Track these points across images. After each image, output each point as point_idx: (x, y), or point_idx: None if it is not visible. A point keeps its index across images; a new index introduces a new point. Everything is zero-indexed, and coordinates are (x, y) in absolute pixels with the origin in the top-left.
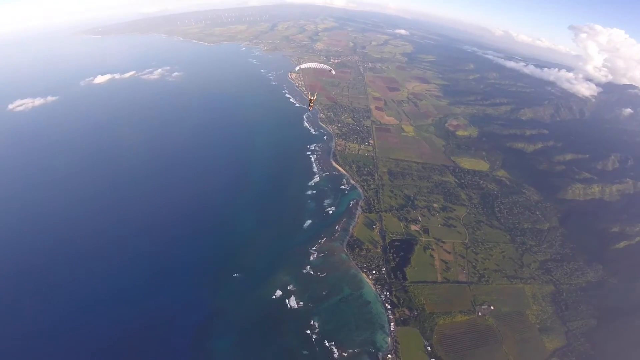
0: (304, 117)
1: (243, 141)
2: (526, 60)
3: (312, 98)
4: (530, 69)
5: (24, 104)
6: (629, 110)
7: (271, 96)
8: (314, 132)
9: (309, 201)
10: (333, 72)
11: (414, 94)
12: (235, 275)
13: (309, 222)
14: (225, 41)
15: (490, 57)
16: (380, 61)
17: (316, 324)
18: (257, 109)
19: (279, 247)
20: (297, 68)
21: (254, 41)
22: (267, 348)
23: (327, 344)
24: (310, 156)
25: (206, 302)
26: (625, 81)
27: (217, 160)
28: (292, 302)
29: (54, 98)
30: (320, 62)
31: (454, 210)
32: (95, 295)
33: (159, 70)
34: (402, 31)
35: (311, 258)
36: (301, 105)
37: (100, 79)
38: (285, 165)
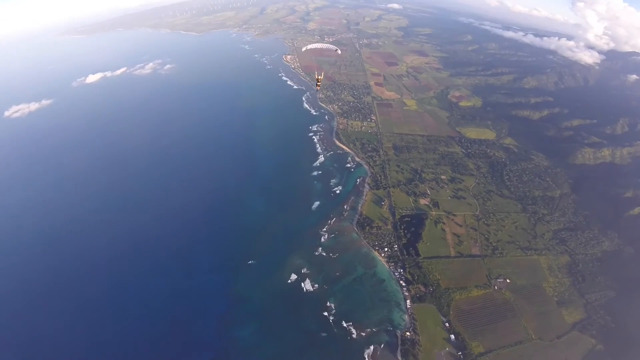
0: (303, 99)
1: (245, 127)
2: (524, 30)
3: (319, 77)
4: (529, 39)
5: (20, 109)
6: (634, 76)
7: (268, 80)
8: (314, 113)
9: (316, 182)
10: (339, 51)
11: (414, 68)
12: (250, 262)
13: (317, 203)
14: (215, 29)
15: (487, 27)
16: (376, 37)
17: (332, 305)
18: (255, 94)
19: (289, 231)
20: (304, 49)
21: (243, 27)
22: (287, 332)
23: (344, 325)
24: (313, 137)
25: (226, 291)
26: (628, 48)
27: (221, 149)
28: (307, 285)
29: (48, 101)
30: (314, 42)
31: (463, 181)
32: (122, 291)
33: (150, 64)
34: (395, 5)
35: (322, 240)
36: (299, 87)
37: (92, 78)
38: (289, 148)
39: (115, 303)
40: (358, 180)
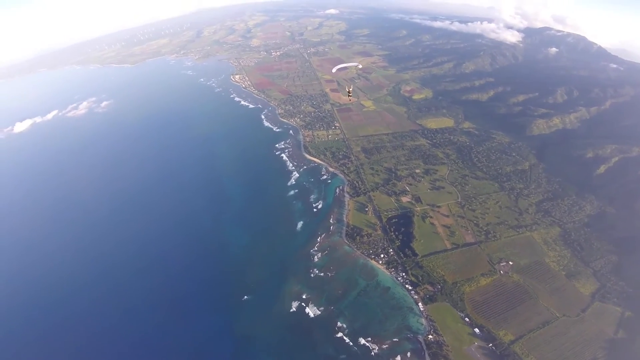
0: (262, 117)
1: (206, 156)
2: (450, 18)
3: (350, 89)
4: (456, 26)
5: None
6: (554, 49)
7: (220, 103)
8: (277, 130)
9: (294, 201)
10: (360, 65)
11: (363, 69)
12: (245, 298)
13: (301, 222)
14: (150, 58)
15: (417, 21)
16: (321, 44)
17: (344, 325)
18: (210, 120)
19: (279, 258)
20: (334, 70)
21: (181, 52)
22: None
23: (362, 342)
24: (281, 154)
25: (227, 334)
26: (539, 24)
27: (184, 185)
28: (312, 311)
29: None
30: (261, 58)
31: (437, 171)
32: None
33: (85, 103)
34: (332, 11)
35: (315, 259)
36: (255, 106)
37: (20, 127)
38: (259, 171)
39: None
40: (337, 190)
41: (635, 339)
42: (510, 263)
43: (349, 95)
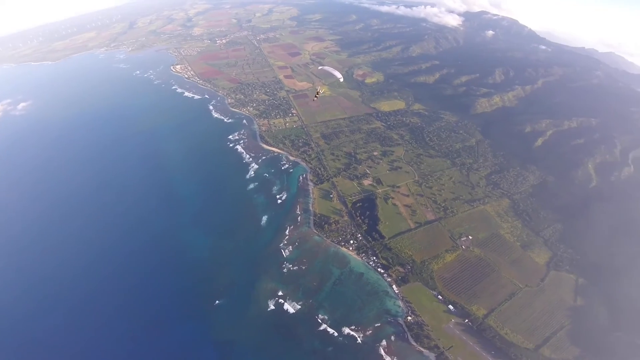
0: (210, 107)
1: (152, 155)
2: (396, 2)
3: (319, 90)
4: (402, 10)
5: None
6: (491, 32)
7: (161, 96)
8: (228, 120)
9: (256, 195)
10: (341, 79)
11: (316, 54)
12: (217, 302)
13: (265, 217)
14: (75, 53)
15: (366, 5)
16: (272, 30)
17: (325, 317)
18: (151, 114)
19: (247, 257)
20: (319, 68)
21: (112, 45)
22: None
23: (346, 331)
24: (236, 146)
25: (206, 342)
26: (477, 8)
27: (131, 189)
28: (290, 306)
29: None
30: (204, 46)
31: (393, 152)
32: None
33: None
34: None
35: (286, 254)
36: (202, 96)
37: None
38: (213, 166)
39: None
40: (300, 179)
41: (592, 305)
42: (470, 237)
43: (315, 97)
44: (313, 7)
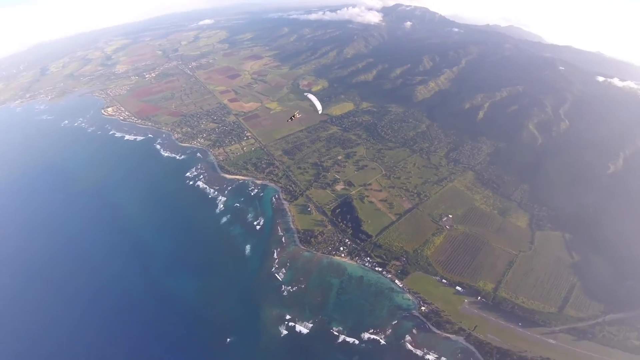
0: (157, 147)
1: (104, 210)
2: (322, 9)
3: (296, 114)
4: (329, 15)
5: None
6: (408, 22)
7: (100, 144)
8: (181, 157)
9: (231, 227)
10: (320, 111)
11: (257, 73)
12: (228, 340)
13: (248, 246)
14: None
15: (295, 16)
16: (203, 56)
17: (340, 328)
18: (94, 167)
19: (241, 289)
20: (305, 94)
21: (27, 96)
22: None
23: (366, 337)
24: (197, 183)
25: None
26: (391, 2)
27: (90, 249)
28: (301, 327)
29: None
30: (133, 83)
31: (356, 152)
32: None
33: None
34: (208, 21)
35: (280, 276)
36: (145, 136)
37: None
38: (177, 209)
39: None
40: (273, 200)
41: (589, 258)
42: (450, 216)
43: (291, 119)
44: (242, 27)
